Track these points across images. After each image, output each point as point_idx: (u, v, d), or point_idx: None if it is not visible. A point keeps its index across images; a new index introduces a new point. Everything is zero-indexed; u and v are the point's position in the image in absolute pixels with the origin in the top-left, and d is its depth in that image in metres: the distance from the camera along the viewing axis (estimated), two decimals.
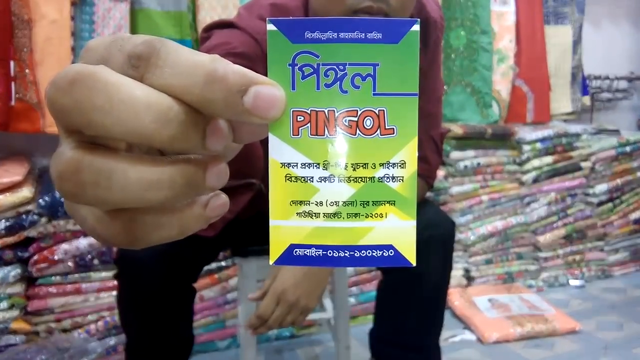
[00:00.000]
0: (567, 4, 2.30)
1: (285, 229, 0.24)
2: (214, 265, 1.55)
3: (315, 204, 0.24)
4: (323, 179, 0.24)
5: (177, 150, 0.21)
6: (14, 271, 1.34)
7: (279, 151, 0.23)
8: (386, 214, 0.24)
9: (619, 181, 2.21)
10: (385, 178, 0.24)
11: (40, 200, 1.33)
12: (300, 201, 0.24)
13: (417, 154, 0.24)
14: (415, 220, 0.24)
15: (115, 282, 1.41)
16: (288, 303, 0.87)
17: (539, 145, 2.05)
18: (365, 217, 0.24)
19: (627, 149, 2.21)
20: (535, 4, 2.21)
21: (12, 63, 1.42)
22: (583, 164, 2.13)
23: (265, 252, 1.07)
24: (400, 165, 0.24)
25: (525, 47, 2.20)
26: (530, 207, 2.06)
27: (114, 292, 1.45)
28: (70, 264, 1.40)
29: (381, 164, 0.24)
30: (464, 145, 1.95)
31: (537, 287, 2.05)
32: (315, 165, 0.24)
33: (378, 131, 0.23)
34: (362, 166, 0.24)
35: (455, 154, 1.93)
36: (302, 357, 1.55)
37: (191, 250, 0.91)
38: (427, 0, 0.94)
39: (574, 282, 2.11)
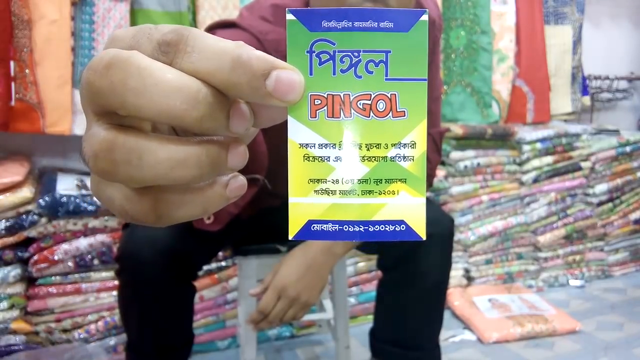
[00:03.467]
0: (567, 4, 2.31)
1: (303, 205, 0.25)
2: (214, 265, 1.55)
3: (332, 182, 0.25)
4: (339, 159, 0.25)
5: (204, 130, 0.23)
6: (14, 271, 1.34)
7: (298, 133, 0.25)
8: (398, 191, 0.26)
9: (619, 181, 2.21)
10: (397, 157, 0.25)
11: (40, 200, 1.33)
12: (318, 179, 0.25)
13: (426, 136, 0.25)
14: (425, 197, 0.26)
15: (116, 282, 1.42)
16: (289, 298, 0.88)
17: (539, 145, 2.05)
18: (379, 194, 0.25)
19: (627, 149, 2.21)
20: (535, 4, 2.21)
21: (12, 63, 1.42)
22: (583, 164, 2.13)
23: (265, 251, 1.07)
24: (411, 146, 0.25)
25: (525, 47, 2.20)
26: (530, 207, 2.06)
27: (114, 292, 1.45)
28: (70, 264, 1.40)
29: (393, 145, 0.25)
30: (464, 145, 1.95)
31: (537, 287, 2.05)
32: (332, 146, 0.25)
33: (390, 114, 0.25)
34: (375, 146, 0.25)
35: (455, 154, 1.93)
36: (302, 357, 1.55)
37: (192, 247, 0.91)
38: (425, 0, 0.94)
39: (574, 282, 2.11)
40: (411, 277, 0.93)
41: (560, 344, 1.62)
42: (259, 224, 1.07)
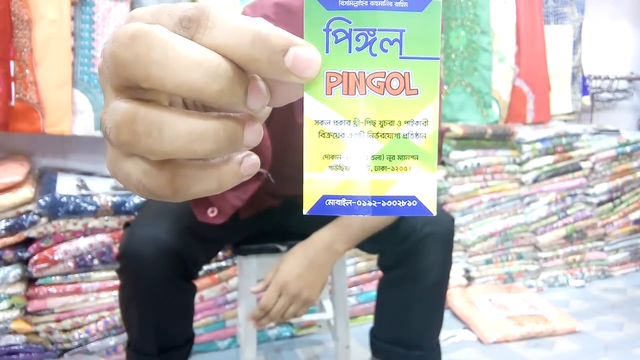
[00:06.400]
0: (567, 3, 2.31)
1: (317, 181, 0.26)
2: (214, 265, 1.55)
3: (346, 158, 0.26)
4: (353, 135, 0.26)
5: (222, 104, 0.23)
6: (14, 271, 1.34)
7: (313, 109, 0.25)
8: (410, 167, 0.26)
9: (618, 181, 2.21)
10: (410, 134, 0.26)
11: (40, 200, 1.33)
12: (332, 155, 0.26)
13: (438, 114, 0.26)
14: (436, 173, 0.26)
15: (116, 282, 1.42)
16: (290, 294, 0.88)
17: (539, 145, 2.05)
18: (391, 170, 0.26)
19: (627, 149, 2.21)
20: (535, 4, 2.21)
21: (12, 63, 1.42)
22: (583, 164, 2.13)
23: (265, 250, 1.07)
24: (423, 123, 0.26)
25: (525, 47, 2.20)
26: (530, 207, 2.06)
27: (114, 292, 1.45)
28: (70, 264, 1.40)
29: (406, 122, 0.26)
30: (464, 145, 1.95)
31: (537, 287, 2.05)
32: (346, 122, 0.26)
33: (403, 91, 0.25)
34: (388, 123, 0.26)
35: (455, 154, 1.93)
36: (302, 357, 1.55)
37: (192, 246, 0.92)
38: None
39: (574, 282, 2.11)
40: (411, 276, 0.93)
41: (560, 344, 1.62)
42: (258, 224, 1.07)
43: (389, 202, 0.26)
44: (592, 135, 2.21)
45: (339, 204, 0.26)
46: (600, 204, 2.19)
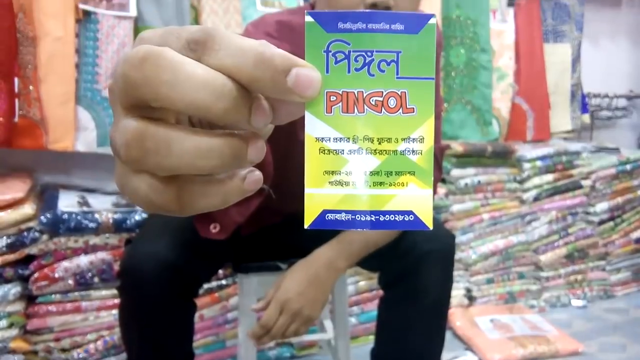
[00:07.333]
0: (566, 22, 2.33)
1: (318, 196, 0.27)
2: (214, 283, 1.54)
3: (345, 174, 0.27)
4: (352, 152, 0.27)
5: (227, 122, 0.24)
6: (14, 289, 1.33)
7: (314, 127, 0.26)
8: (407, 183, 0.27)
9: (619, 200, 2.21)
10: (407, 151, 0.27)
11: (42, 217, 1.33)
12: (332, 171, 0.27)
13: (433, 131, 0.27)
14: (432, 189, 0.27)
15: (115, 301, 1.41)
16: (291, 312, 0.88)
17: (539, 163, 2.05)
18: (389, 185, 0.27)
19: (628, 167, 2.21)
20: (535, 22, 2.24)
21: (16, 80, 1.43)
22: (583, 182, 2.13)
23: (266, 268, 1.07)
24: (419, 140, 0.27)
25: (524, 65, 2.22)
26: (531, 226, 2.06)
27: (114, 311, 1.43)
28: (70, 281, 1.39)
29: (403, 139, 0.27)
30: (464, 163, 1.95)
31: (539, 307, 2.03)
32: (346, 139, 0.27)
33: (400, 110, 0.27)
34: (386, 140, 0.27)
35: (455, 172, 1.93)
36: None
37: (193, 263, 0.91)
38: None
39: (576, 303, 2.09)
40: (412, 294, 0.92)
41: None
42: (259, 241, 1.07)
43: (387, 216, 0.27)
44: (592, 154, 2.22)
45: (338, 219, 0.27)
46: (601, 222, 2.19)
